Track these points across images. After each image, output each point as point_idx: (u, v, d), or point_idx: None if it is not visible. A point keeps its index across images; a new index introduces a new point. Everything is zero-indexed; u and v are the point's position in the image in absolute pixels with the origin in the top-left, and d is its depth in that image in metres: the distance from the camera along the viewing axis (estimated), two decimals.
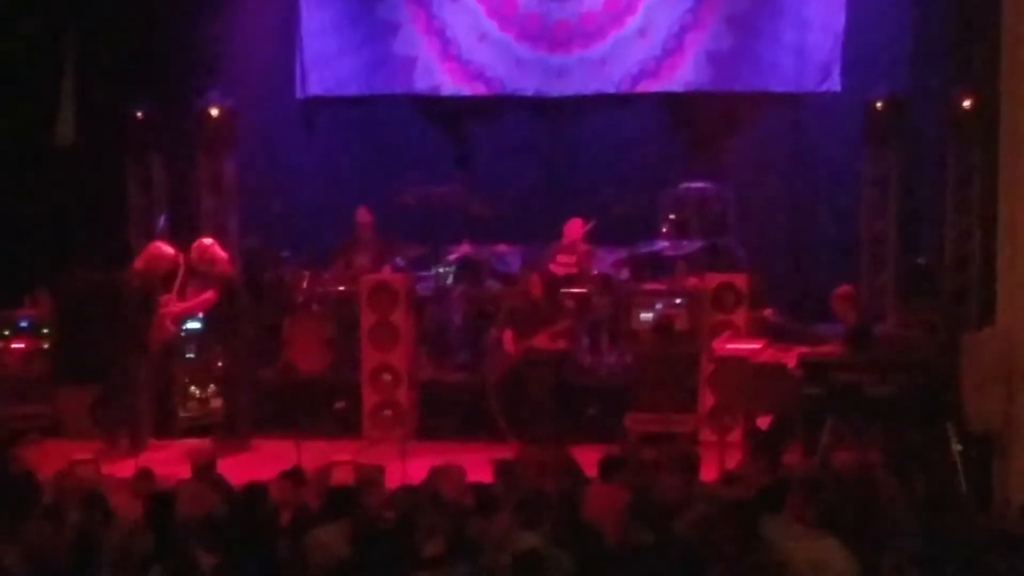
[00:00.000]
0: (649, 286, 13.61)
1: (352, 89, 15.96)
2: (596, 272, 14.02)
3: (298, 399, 13.37)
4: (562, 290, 13.56)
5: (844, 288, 11.82)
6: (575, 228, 14.16)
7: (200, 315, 13.34)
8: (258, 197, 15.51)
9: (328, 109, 16.13)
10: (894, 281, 14.38)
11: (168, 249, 12.97)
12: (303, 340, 13.83)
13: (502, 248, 14.52)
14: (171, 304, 12.97)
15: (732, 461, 10.92)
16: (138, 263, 12.83)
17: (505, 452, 10.86)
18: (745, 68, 15.22)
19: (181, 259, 12.91)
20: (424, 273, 14.34)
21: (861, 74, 14.64)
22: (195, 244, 13.08)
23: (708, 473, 10.18)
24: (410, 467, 10.43)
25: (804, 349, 10.84)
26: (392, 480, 9.96)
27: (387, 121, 15.98)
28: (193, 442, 12.05)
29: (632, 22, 15.38)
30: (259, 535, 7.61)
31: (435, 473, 9.23)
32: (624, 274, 14.27)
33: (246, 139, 15.49)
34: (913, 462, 9.60)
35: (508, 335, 12.97)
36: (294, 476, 9.18)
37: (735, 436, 11.48)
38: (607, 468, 8.89)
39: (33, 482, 8.97)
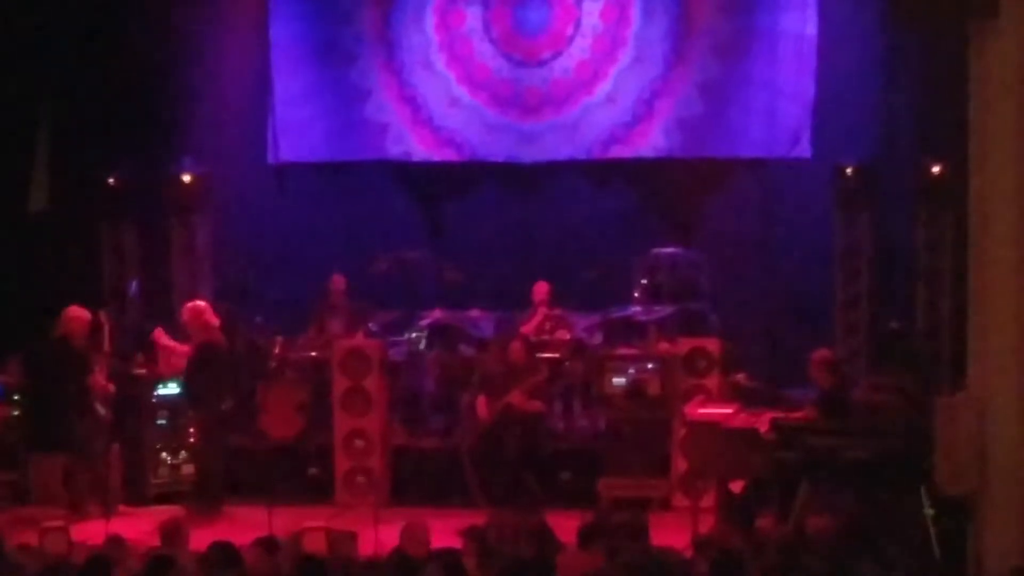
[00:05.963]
0: (622, 351, 13.60)
1: (324, 155, 16.02)
2: (569, 337, 14.02)
3: (271, 465, 13.33)
4: (536, 354, 13.56)
5: (823, 352, 11.75)
6: (541, 289, 14.23)
7: (177, 379, 13.26)
8: (231, 263, 15.49)
9: (301, 175, 16.16)
10: (867, 345, 14.42)
11: (83, 311, 12.89)
12: (276, 406, 13.76)
13: (475, 314, 14.55)
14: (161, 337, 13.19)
15: (705, 526, 10.90)
16: (57, 330, 12.72)
17: (478, 518, 10.80)
18: (715, 134, 15.32)
19: (103, 317, 12.98)
20: (397, 339, 14.33)
21: (831, 141, 14.76)
22: (189, 305, 13.07)
23: (680, 539, 10.16)
24: (383, 533, 10.38)
25: (777, 413, 10.84)
26: (365, 547, 9.91)
27: (360, 187, 16.03)
28: (164, 509, 11.99)
29: (602, 89, 15.50)
30: None
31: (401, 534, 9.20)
32: (597, 339, 14.31)
33: (219, 205, 15.53)
34: (886, 527, 9.60)
35: (481, 400, 12.95)
36: (268, 544, 9.10)
37: (708, 501, 11.44)
38: (587, 535, 8.85)
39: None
